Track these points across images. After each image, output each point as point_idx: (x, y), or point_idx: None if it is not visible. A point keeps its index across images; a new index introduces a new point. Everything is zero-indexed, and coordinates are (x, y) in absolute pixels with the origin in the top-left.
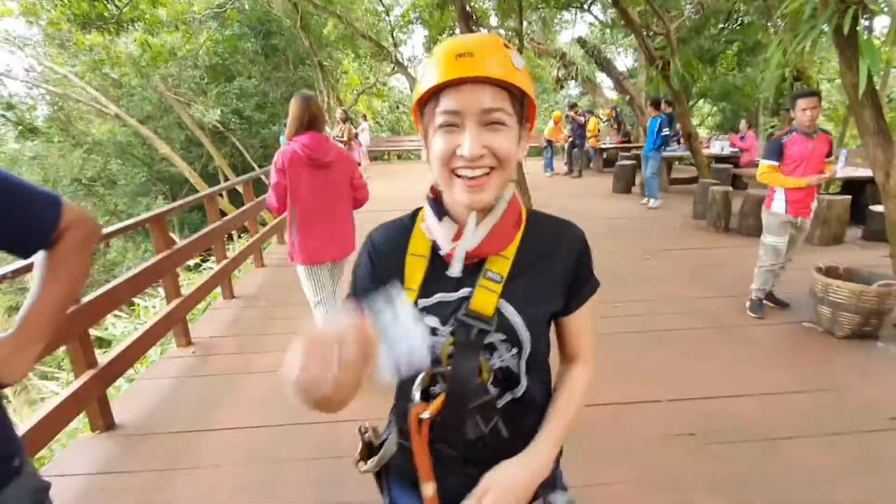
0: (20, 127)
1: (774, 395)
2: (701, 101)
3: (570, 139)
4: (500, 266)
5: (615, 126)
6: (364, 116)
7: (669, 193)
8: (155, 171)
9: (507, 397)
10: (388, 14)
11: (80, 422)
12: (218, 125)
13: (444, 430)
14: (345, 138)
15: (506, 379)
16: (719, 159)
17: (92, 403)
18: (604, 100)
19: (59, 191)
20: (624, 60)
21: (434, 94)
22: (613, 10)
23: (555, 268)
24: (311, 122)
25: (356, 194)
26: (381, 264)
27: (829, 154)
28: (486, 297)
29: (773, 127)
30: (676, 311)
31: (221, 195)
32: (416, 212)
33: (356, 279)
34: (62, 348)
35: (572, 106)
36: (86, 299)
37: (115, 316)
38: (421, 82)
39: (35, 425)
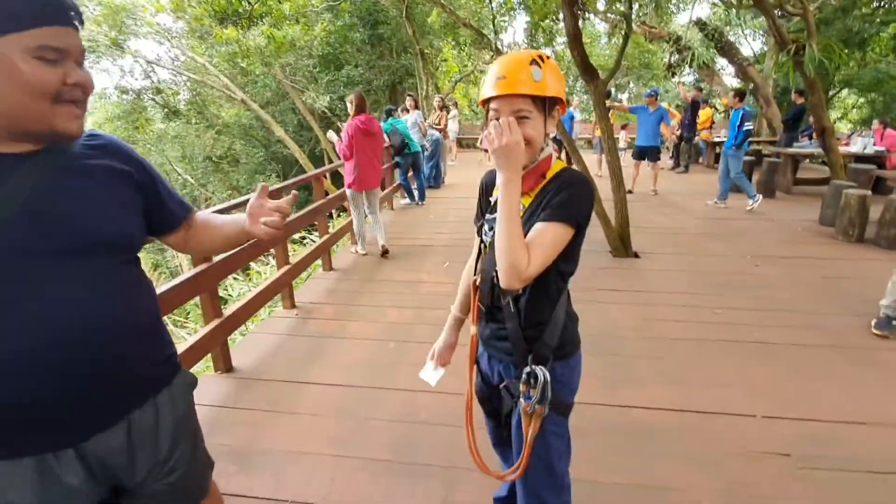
0: (166, 109)
1: None
2: (844, 91)
3: (679, 132)
4: (525, 201)
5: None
6: (455, 104)
7: (793, 195)
8: (271, 152)
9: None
10: (491, 1)
11: (206, 363)
12: (326, 111)
13: (482, 293)
14: (441, 125)
15: None
16: (861, 159)
17: (216, 348)
18: (722, 88)
19: (193, 166)
20: (750, 44)
21: (488, 99)
22: None
23: (548, 199)
24: (363, 108)
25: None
26: (484, 192)
27: None
28: None
29: None
30: (787, 325)
31: (326, 176)
32: None
33: (477, 204)
34: (191, 301)
35: (697, 90)
36: (217, 258)
37: (234, 278)
38: (481, 91)
39: None
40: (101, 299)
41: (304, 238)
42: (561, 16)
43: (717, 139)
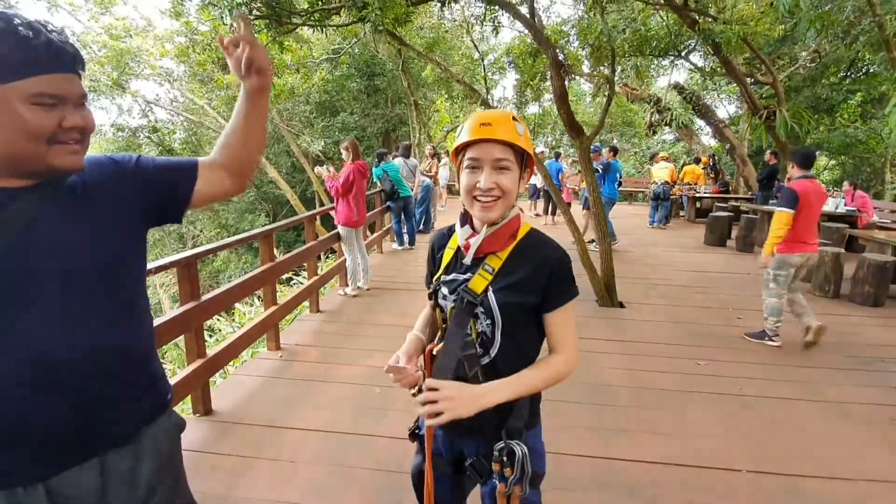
0: (160, 147)
1: (877, 483)
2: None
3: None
4: (495, 263)
5: (712, 175)
6: (447, 152)
7: None
8: (262, 192)
9: (486, 359)
10: (483, 60)
11: (184, 405)
12: (320, 155)
13: (442, 366)
14: (432, 173)
15: (485, 342)
16: (833, 218)
17: (197, 389)
18: (701, 147)
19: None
20: (726, 107)
21: (465, 146)
22: (714, 58)
23: (531, 272)
24: (358, 153)
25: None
26: (434, 253)
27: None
28: (479, 281)
29: None
30: (768, 378)
31: (316, 218)
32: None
33: (427, 265)
34: (170, 343)
35: (652, 157)
36: (204, 297)
37: (217, 319)
38: (458, 137)
39: None
40: (89, 327)
41: (290, 279)
42: (549, 75)
43: (696, 195)
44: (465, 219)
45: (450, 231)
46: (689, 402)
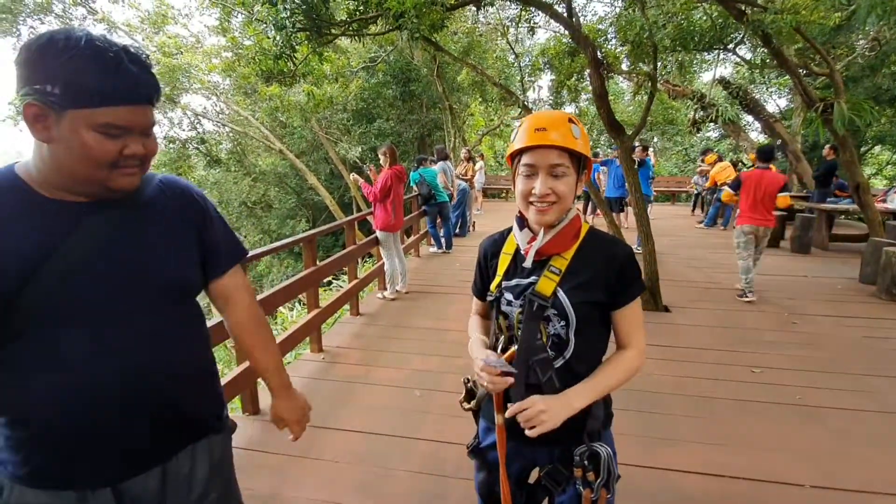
0: (208, 158)
1: None
2: (878, 148)
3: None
4: (560, 263)
5: None
6: (481, 156)
7: (830, 252)
8: (302, 199)
9: (560, 361)
10: (518, 61)
11: (232, 404)
12: (357, 161)
13: (516, 374)
14: (468, 176)
15: (558, 344)
16: None
17: (246, 390)
18: (748, 144)
19: (228, 211)
20: (776, 101)
21: (520, 152)
22: (764, 50)
23: (599, 270)
24: (396, 158)
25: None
26: (487, 260)
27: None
28: (547, 283)
29: None
30: (830, 387)
31: (356, 223)
32: (510, 228)
33: (476, 272)
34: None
35: (704, 151)
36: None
37: None
38: (513, 143)
39: None
40: (158, 345)
41: (330, 283)
42: (586, 73)
43: None
44: (523, 222)
45: (502, 237)
46: (743, 411)
